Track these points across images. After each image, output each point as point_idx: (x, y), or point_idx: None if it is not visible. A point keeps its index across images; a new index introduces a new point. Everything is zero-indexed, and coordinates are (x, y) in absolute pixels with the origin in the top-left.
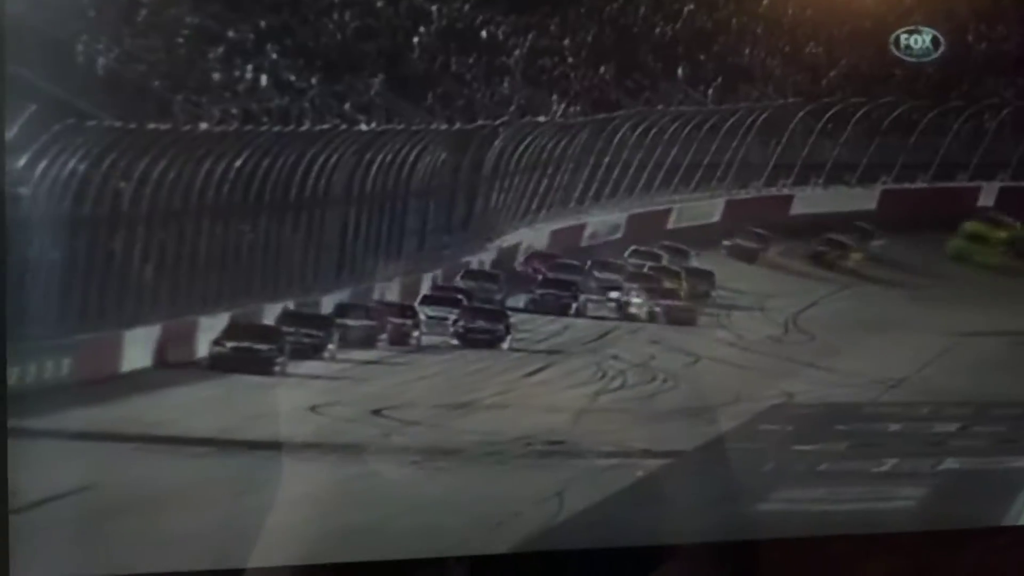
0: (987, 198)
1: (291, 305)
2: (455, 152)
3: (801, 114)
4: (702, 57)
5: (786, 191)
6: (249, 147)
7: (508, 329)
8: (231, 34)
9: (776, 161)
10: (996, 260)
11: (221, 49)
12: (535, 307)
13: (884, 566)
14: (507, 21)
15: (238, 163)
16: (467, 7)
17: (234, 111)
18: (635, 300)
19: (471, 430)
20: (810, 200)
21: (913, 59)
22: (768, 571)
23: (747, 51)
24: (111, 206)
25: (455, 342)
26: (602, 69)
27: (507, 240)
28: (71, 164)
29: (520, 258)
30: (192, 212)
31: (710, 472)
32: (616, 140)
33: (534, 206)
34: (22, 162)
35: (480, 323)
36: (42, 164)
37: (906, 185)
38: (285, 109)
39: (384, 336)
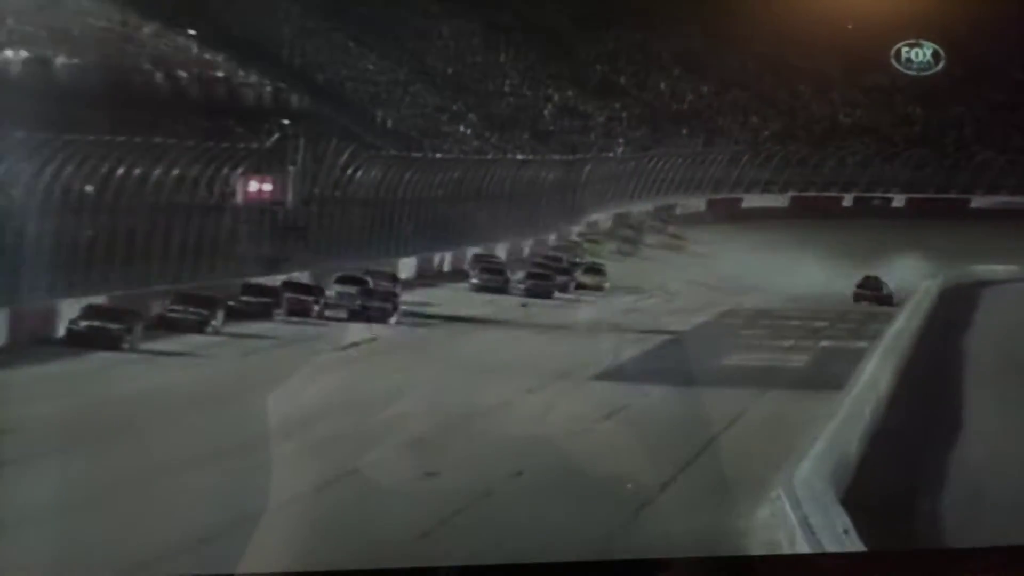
0: (848, 202)
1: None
2: (565, 172)
3: (747, 156)
4: (695, 122)
5: (739, 195)
6: (460, 167)
7: (396, 307)
8: (454, 107)
9: (736, 179)
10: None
11: (446, 116)
12: (528, 293)
13: None
14: (593, 103)
15: (455, 175)
16: (572, 94)
17: (451, 148)
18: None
19: None
20: (752, 201)
21: (913, 72)
22: None
23: (720, 120)
24: (384, 197)
25: (344, 315)
26: (641, 130)
27: (591, 218)
28: (372, 174)
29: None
30: (425, 201)
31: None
32: (649, 166)
33: (606, 199)
34: (348, 173)
35: (375, 303)
36: (355, 175)
37: (804, 193)
38: (479, 148)
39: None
